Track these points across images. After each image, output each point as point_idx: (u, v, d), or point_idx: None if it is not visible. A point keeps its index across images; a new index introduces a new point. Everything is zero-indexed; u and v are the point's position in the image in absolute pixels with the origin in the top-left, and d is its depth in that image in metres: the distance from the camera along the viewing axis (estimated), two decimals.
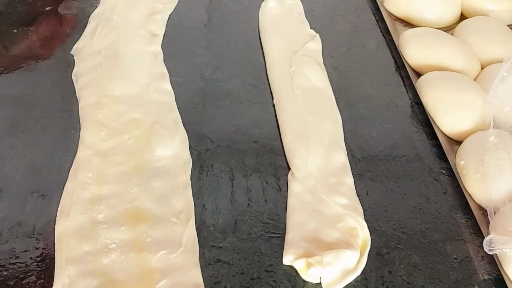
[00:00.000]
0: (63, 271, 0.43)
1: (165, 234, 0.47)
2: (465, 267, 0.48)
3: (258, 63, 0.67)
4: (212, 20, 0.74)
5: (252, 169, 0.54)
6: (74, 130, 0.56)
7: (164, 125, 0.56)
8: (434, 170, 0.57)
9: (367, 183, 0.54)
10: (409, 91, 0.66)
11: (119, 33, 0.67)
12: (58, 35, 0.69)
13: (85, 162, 0.52)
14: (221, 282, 0.45)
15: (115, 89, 0.59)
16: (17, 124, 0.56)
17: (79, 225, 0.47)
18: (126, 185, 0.50)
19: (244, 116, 0.60)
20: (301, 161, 0.54)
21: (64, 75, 0.62)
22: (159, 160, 0.53)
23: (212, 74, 0.65)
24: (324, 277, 0.45)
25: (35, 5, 0.72)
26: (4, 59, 0.64)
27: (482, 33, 0.69)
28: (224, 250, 0.47)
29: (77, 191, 0.49)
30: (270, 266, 0.46)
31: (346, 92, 0.65)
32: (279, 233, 0.49)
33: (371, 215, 0.51)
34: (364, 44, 0.73)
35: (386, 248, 0.49)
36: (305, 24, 0.73)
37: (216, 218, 0.49)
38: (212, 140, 0.57)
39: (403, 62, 0.69)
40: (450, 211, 0.53)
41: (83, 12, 0.72)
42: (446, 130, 0.59)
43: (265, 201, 0.51)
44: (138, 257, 0.45)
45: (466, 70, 0.65)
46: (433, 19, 0.74)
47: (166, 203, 0.49)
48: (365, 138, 0.59)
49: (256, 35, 0.72)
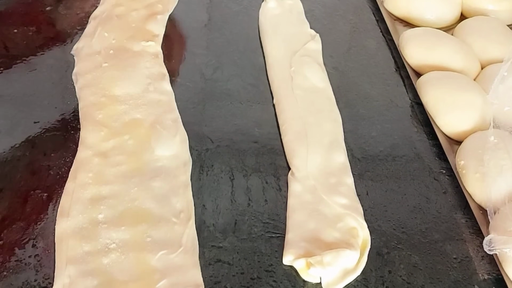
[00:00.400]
0: (63, 271, 0.43)
1: (165, 234, 0.47)
2: (465, 267, 0.48)
3: (258, 63, 0.67)
4: (212, 20, 0.74)
5: (252, 169, 0.54)
6: (74, 130, 0.56)
7: (164, 125, 0.56)
8: (434, 170, 0.57)
9: (367, 183, 0.54)
10: (409, 91, 0.66)
11: (119, 33, 0.67)
12: (58, 35, 0.69)
13: (85, 162, 0.52)
14: (221, 282, 0.45)
15: (115, 89, 0.59)
16: (17, 124, 0.56)
17: (79, 225, 0.47)
18: (126, 185, 0.50)
19: (244, 116, 0.60)
20: (301, 161, 0.54)
21: (64, 75, 0.62)
22: (159, 160, 0.53)
23: (212, 74, 0.65)
24: (324, 277, 0.45)
25: (35, 5, 0.72)
26: (4, 59, 0.64)
27: (482, 33, 0.69)
28: (224, 250, 0.47)
29: (77, 191, 0.49)
30: (270, 266, 0.46)
31: (346, 92, 0.65)
32: (279, 233, 0.49)
33: (371, 215, 0.51)
34: (364, 44, 0.73)
35: (386, 248, 0.49)
36: (305, 24, 0.73)
37: (216, 218, 0.49)
38: (212, 140, 0.57)
39: (403, 62, 0.69)
40: (450, 211, 0.53)
41: (83, 12, 0.72)
42: (446, 130, 0.59)
43: (265, 201, 0.51)
44: (138, 257, 0.45)
45: (466, 70, 0.65)
46: (433, 19, 0.74)
47: (166, 203, 0.49)
48: (365, 138, 0.59)
49: (256, 35, 0.72)
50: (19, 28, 0.68)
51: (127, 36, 0.67)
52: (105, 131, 0.55)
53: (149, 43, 0.67)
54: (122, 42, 0.66)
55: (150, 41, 0.67)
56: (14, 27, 0.68)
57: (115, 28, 0.68)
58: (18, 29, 0.68)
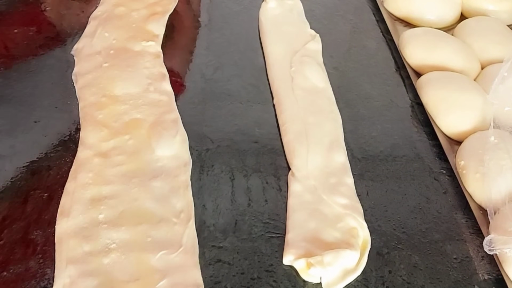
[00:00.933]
0: (63, 271, 0.43)
1: (165, 234, 0.47)
2: (465, 267, 0.48)
3: (259, 63, 0.67)
4: (212, 20, 0.74)
5: (252, 169, 0.54)
6: (74, 131, 0.56)
7: (164, 125, 0.56)
8: (434, 170, 0.57)
9: (367, 183, 0.54)
10: (409, 91, 0.66)
11: (120, 33, 0.67)
12: (58, 35, 0.69)
13: (86, 162, 0.52)
14: (221, 282, 0.45)
15: (115, 89, 0.59)
16: (17, 124, 0.56)
17: (80, 225, 0.47)
18: (126, 185, 0.50)
19: (245, 116, 0.60)
20: (301, 161, 0.54)
21: (64, 75, 0.62)
22: (159, 160, 0.53)
23: (212, 74, 0.65)
24: (324, 277, 0.45)
25: (35, 5, 0.72)
26: (4, 59, 0.64)
27: (482, 33, 0.69)
28: (224, 250, 0.47)
29: (77, 191, 0.49)
30: (270, 266, 0.46)
31: (346, 92, 0.65)
32: (279, 233, 0.49)
33: (371, 215, 0.51)
34: (364, 44, 0.73)
35: (386, 248, 0.49)
36: (305, 24, 0.73)
37: (216, 218, 0.49)
38: (212, 140, 0.57)
39: (403, 62, 0.69)
40: (450, 211, 0.53)
41: (83, 12, 0.72)
42: (446, 130, 0.59)
43: (265, 201, 0.51)
44: (138, 257, 0.45)
45: (466, 70, 0.65)
46: (433, 19, 0.74)
47: (166, 203, 0.49)
48: (365, 138, 0.59)
49: (256, 35, 0.72)
50: (19, 28, 0.68)
51: (128, 36, 0.67)
52: (105, 131, 0.55)
53: (149, 43, 0.67)
54: (123, 42, 0.66)
55: (151, 41, 0.67)
56: (15, 27, 0.68)
57: (115, 28, 0.68)
58: (18, 29, 0.68)
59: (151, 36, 0.68)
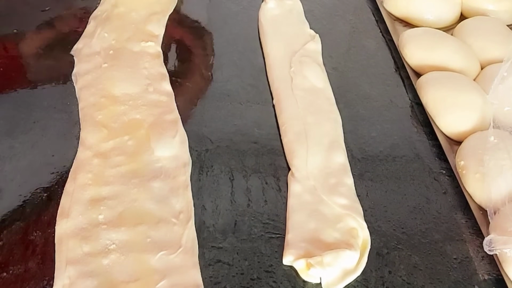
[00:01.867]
0: (63, 272, 0.43)
1: (164, 234, 0.47)
2: (465, 267, 0.48)
3: (258, 64, 0.67)
4: (212, 20, 0.74)
5: (252, 169, 0.54)
6: (74, 131, 0.56)
7: (164, 126, 0.56)
8: (434, 170, 0.57)
9: (367, 183, 0.54)
10: (409, 91, 0.66)
11: (119, 33, 0.67)
12: (58, 35, 0.69)
13: (85, 163, 0.52)
14: (221, 282, 0.45)
15: (115, 90, 0.59)
16: (17, 124, 0.56)
17: (79, 226, 0.46)
18: (126, 186, 0.50)
19: (244, 116, 0.60)
20: (301, 161, 0.54)
21: (64, 75, 0.62)
22: (159, 160, 0.53)
23: (212, 74, 0.65)
24: (324, 277, 0.45)
25: (35, 5, 0.72)
26: (4, 59, 0.64)
27: (482, 33, 0.69)
28: (224, 250, 0.47)
29: (77, 192, 0.49)
30: (270, 267, 0.46)
31: (346, 92, 0.65)
32: (279, 234, 0.49)
33: (371, 215, 0.51)
34: (364, 44, 0.73)
35: (386, 248, 0.49)
36: (305, 25, 0.73)
37: (216, 218, 0.49)
38: (212, 141, 0.57)
39: (403, 62, 0.69)
40: (450, 211, 0.53)
41: (83, 12, 0.72)
42: (446, 130, 0.59)
43: (265, 202, 0.51)
44: (138, 258, 0.45)
45: (466, 70, 0.65)
46: (433, 19, 0.74)
47: (165, 203, 0.49)
48: (365, 138, 0.59)
49: (255, 35, 0.72)
50: (19, 28, 0.68)
51: (127, 36, 0.67)
52: (105, 132, 0.55)
53: (148, 44, 0.67)
54: (122, 43, 0.66)
55: (150, 42, 0.67)
56: (14, 27, 0.68)
57: (115, 28, 0.68)
58: (18, 29, 0.68)
59: (151, 37, 0.68)
